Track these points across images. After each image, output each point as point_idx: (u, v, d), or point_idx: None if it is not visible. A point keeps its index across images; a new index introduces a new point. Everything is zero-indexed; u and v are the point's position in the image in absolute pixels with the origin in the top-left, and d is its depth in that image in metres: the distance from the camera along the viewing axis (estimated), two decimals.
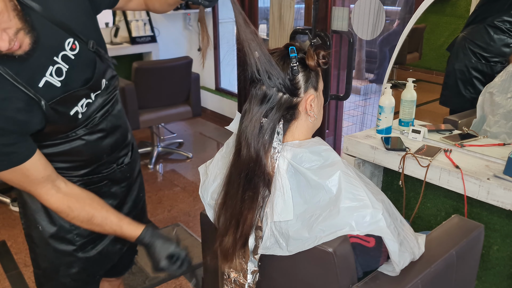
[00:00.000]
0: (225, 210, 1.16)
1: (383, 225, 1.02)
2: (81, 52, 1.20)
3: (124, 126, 1.46)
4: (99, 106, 1.31)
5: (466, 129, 1.92)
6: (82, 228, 1.33)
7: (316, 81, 1.14)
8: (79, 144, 1.30)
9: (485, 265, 1.77)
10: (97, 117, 1.31)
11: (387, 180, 2.09)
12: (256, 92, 1.09)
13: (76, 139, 1.29)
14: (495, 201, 1.53)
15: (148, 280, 2.42)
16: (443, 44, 2.24)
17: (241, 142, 1.10)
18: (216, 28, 4.88)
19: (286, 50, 1.10)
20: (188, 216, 3.10)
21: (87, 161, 1.35)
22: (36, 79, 1.13)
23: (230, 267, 1.19)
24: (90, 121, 1.30)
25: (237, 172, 1.12)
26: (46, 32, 1.12)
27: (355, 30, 2.81)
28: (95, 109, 1.30)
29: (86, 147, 1.32)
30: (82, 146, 1.31)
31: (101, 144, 1.36)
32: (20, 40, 1.03)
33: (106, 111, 1.34)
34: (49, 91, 1.15)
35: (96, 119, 1.31)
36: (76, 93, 1.22)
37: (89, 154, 1.34)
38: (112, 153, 1.41)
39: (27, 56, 1.07)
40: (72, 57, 1.18)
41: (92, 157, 1.35)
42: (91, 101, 1.28)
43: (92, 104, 1.29)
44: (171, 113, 3.79)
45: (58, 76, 1.17)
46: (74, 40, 1.18)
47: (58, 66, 1.16)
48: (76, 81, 1.21)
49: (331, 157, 1.10)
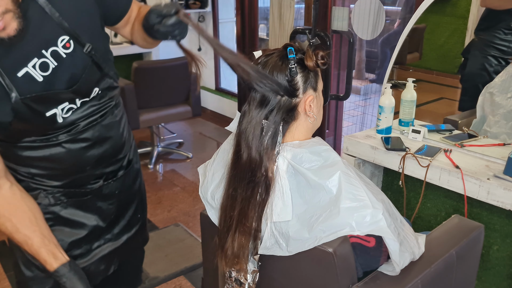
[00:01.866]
0: (225, 212, 1.16)
1: (384, 225, 1.02)
2: (75, 53, 1.17)
3: (116, 139, 1.38)
4: (86, 114, 1.25)
5: (466, 129, 1.92)
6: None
7: (315, 82, 1.13)
8: (60, 152, 1.25)
9: (485, 265, 1.77)
10: (81, 125, 1.25)
11: (387, 180, 2.09)
12: (255, 95, 1.09)
13: (57, 145, 1.24)
14: (495, 201, 1.53)
15: (148, 280, 2.42)
16: (443, 44, 2.24)
17: (241, 145, 1.10)
18: (216, 28, 4.87)
19: (285, 50, 1.09)
20: (188, 216, 3.10)
21: (67, 170, 1.29)
22: (16, 68, 1.09)
23: (231, 267, 1.19)
24: (72, 127, 1.24)
25: (238, 174, 1.11)
26: (39, 24, 1.09)
27: (355, 30, 2.81)
28: (81, 117, 1.24)
29: (67, 155, 1.26)
30: (64, 153, 1.25)
31: (85, 154, 1.29)
32: (6, 21, 1.00)
33: (94, 121, 1.28)
34: (28, 84, 1.11)
35: (80, 126, 1.25)
36: (59, 95, 1.17)
37: (71, 163, 1.28)
38: (98, 166, 1.34)
39: (10, 41, 1.03)
40: (63, 55, 1.15)
41: (74, 166, 1.29)
42: (76, 107, 1.23)
43: (77, 111, 1.23)
44: (171, 113, 3.78)
45: (43, 71, 1.13)
46: (69, 39, 1.15)
47: (44, 60, 1.13)
48: (61, 81, 1.16)
49: (331, 157, 1.09)
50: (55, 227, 1.32)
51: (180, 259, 2.59)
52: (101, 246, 1.42)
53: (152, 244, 2.75)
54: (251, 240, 1.12)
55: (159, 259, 2.59)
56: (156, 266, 2.53)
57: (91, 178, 1.34)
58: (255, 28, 4.22)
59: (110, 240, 1.45)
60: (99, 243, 1.42)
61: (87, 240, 1.39)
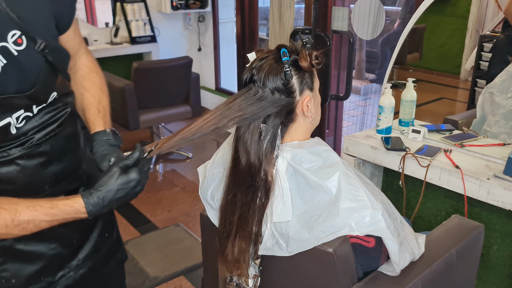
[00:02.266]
0: (225, 217, 1.15)
1: (383, 226, 1.02)
2: (28, 50, 1.00)
3: (76, 153, 1.20)
4: (42, 122, 1.07)
5: (466, 129, 1.92)
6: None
7: (311, 81, 1.12)
8: (13, 170, 1.05)
9: (485, 265, 1.77)
10: (36, 137, 1.06)
11: (387, 180, 2.09)
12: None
13: (9, 162, 1.04)
14: (495, 201, 1.53)
15: (148, 280, 2.42)
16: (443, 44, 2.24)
17: (239, 150, 1.09)
18: (216, 28, 4.88)
19: (279, 53, 1.08)
20: (188, 216, 3.10)
21: (21, 191, 1.04)
22: None
23: (232, 273, 1.18)
24: (26, 140, 1.06)
25: (237, 180, 1.11)
26: None
27: (355, 30, 2.81)
28: (34, 126, 1.06)
29: (21, 174, 1.06)
30: (17, 172, 1.05)
31: (43, 172, 1.10)
32: None
33: (51, 131, 1.10)
34: None
35: (34, 139, 1.06)
36: (11, 100, 1.00)
37: (25, 183, 1.07)
38: (58, 185, 1.14)
39: None
40: (14, 52, 0.98)
41: (29, 187, 1.08)
42: (31, 114, 1.06)
43: (32, 119, 1.06)
44: (171, 113, 3.78)
45: None
46: (21, 35, 0.99)
47: None
48: (11, 83, 0.99)
49: (331, 158, 1.09)
50: (6, 265, 1.10)
51: (180, 259, 2.59)
52: (66, 275, 1.22)
53: (152, 244, 2.75)
54: (251, 245, 1.12)
55: (159, 259, 2.59)
56: (156, 266, 2.53)
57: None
58: (255, 28, 4.23)
59: (76, 267, 1.24)
60: (63, 273, 1.22)
61: (47, 271, 1.18)
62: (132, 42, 4.47)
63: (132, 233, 2.88)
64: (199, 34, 5.06)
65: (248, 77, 1.08)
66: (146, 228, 2.94)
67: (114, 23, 4.54)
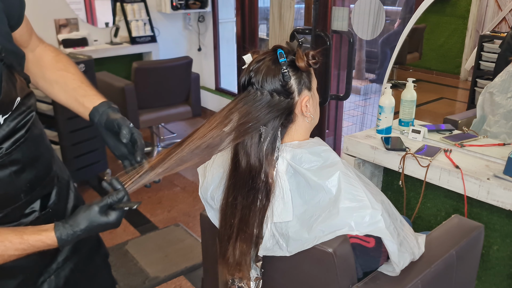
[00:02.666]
0: (225, 220, 1.15)
1: (382, 226, 1.02)
2: None
3: (46, 155, 1.15)
4: (8, 131, 1.00)
5: (466, 129, 1.92)
6: None
7: (309, 81, 1.12)
8: None
9: (485, 265, 1.77)
10: (4, 147, 1.00)
11: (387, 180, 2.09)
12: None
13: None
14: (495, 201, 1.53)
15: (148, 280, 2.42)
16: (443, 44, 2.24)
17: (239, 152, 1.09)
18: (216, 28, 4.88)
19: (275, 54, 1.07)
20: (188, 216, 3.10)
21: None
22: None
23: (233, 275, 1.18)
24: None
25: (237, 183, 1.11)
26: None
27: (355, 30, 2.81)
28: (2, 136, 1.00)
29: None
30: None
31: (17, 180, 1.04)
32: None
33: (21, 138, 1.04)
34: None
35: (3, 149, 1.00)
36: None
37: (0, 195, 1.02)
38: (33, 191, 1.10)
39: None
40: None
41: (4, 198, 1.03)
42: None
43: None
44: (171, 113, 3.79)
45: None
46: None
47: None
48: None
49: (330, 158, 1.09)
50: None
51: (180, 259, 2.59)
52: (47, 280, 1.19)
53: (152, 244, 2.75)
54: (252, 247, 1.12)
55: (159, 259, 2.60)
56: (156, 266, 2.53)
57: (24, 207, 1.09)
58: (255, 28, 4.23)
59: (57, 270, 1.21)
60: (43, 278, 1.19)
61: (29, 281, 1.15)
62: (132, 42, 4.47)
63: (132, 233, 2.88)
64: (199, 34, 5.06)
65: (246, 79, 1.08)
66: (146, 228, 2.94)
67: (114, 23, 4.54)
